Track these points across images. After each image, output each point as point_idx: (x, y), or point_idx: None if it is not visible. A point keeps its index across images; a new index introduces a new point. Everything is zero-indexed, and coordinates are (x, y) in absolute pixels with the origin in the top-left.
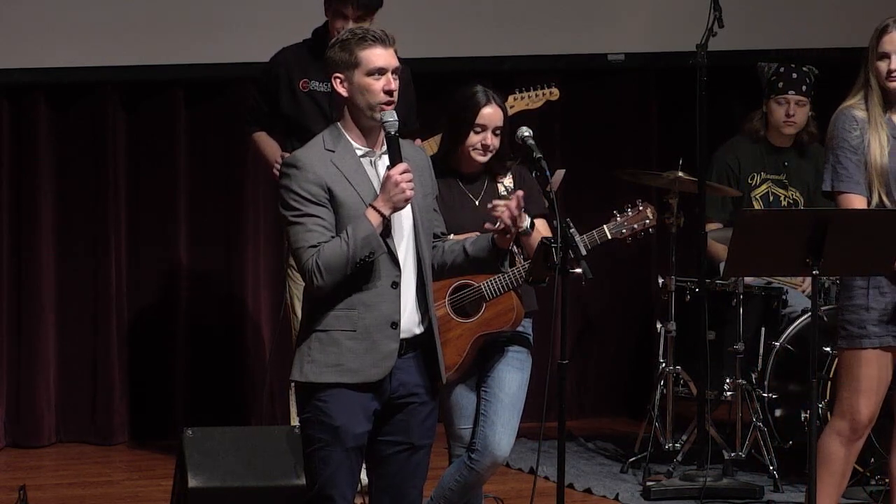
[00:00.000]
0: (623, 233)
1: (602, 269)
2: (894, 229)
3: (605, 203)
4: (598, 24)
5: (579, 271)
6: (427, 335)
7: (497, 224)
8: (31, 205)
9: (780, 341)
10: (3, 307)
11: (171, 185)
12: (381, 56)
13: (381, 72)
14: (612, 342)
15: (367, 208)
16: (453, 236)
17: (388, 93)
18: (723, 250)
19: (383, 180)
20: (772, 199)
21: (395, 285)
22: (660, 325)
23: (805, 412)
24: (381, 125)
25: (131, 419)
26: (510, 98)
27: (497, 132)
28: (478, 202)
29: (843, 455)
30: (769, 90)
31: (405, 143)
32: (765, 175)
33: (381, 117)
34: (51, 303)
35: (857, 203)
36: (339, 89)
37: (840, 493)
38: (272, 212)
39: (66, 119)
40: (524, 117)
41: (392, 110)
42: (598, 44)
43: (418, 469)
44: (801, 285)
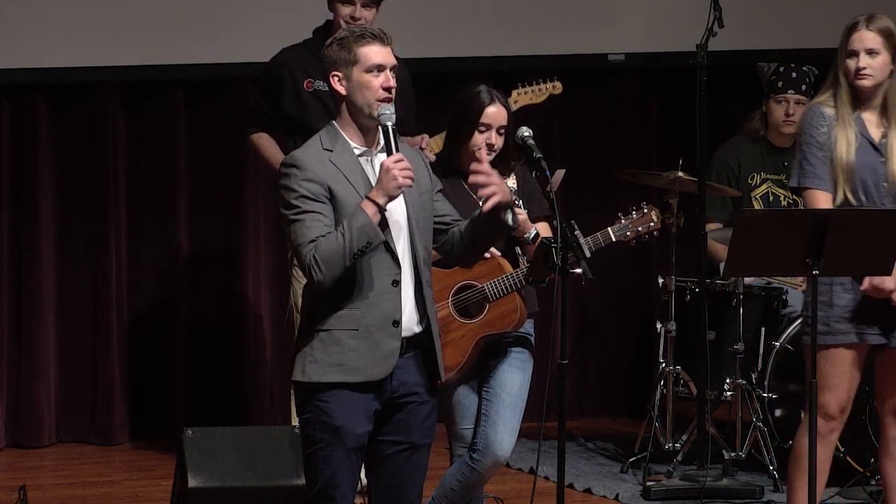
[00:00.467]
0: (627, 235)
1: (602, 269)
2: (894, 229)
3: (605, 203)
4: (598, 24)
5: (579, 271)
6: (426, 334)
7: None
8: (31, 205)
9: (780, 341)
10: (3, 307)
11: (171, 185)
12: (380, 53)
13: (380, 68)
14: (612, 342)
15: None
16: None
17: (387, 89)
18: (723, 250)
19: (379, 171)
20: (772, 199)
21: (396, 283)
22: (660, 325)
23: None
24: (378, 118)
25: (131, 419)
26: (513, 93)
27: (501, 132)
28: (481, 202)
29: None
30: (769, 90)
31: (401, 142)
32: (765, 175)
33: (379, 110)
34: (51, 303)
35: (821, 199)
36: (337, 87)
37: (820, 490)
38: (272, 212)
39: (66, 119)
40: (525, 117)
41: (390, 104)
42: (599, 44)
43: (418, 469)
44: (802, 285)
